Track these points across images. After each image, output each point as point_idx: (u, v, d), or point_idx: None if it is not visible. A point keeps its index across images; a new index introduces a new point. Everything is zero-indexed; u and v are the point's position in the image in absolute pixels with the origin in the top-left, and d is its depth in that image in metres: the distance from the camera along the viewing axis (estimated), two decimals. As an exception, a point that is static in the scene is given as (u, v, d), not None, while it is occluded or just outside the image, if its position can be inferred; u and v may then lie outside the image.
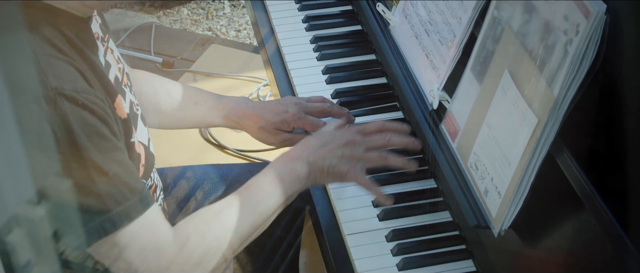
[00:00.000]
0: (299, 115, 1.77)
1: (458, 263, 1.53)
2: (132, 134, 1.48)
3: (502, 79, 1.41)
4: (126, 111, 1.47)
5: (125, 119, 1.46)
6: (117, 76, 1.55)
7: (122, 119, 1.44)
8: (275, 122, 1.77)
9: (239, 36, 3.69)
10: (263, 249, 1.85)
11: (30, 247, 1.17)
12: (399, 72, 1.79)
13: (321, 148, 1.58)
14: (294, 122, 1.77)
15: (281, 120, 1.77)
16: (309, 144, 1.59)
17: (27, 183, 1.23)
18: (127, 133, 1.46)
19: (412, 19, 1.79)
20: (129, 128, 1.47)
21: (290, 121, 1.77)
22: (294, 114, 1.77)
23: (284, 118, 1.77)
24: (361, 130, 1.62)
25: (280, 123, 1.77)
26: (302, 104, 1.79)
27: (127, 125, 1.46)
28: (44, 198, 1.25)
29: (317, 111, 1.78)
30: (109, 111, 1.38)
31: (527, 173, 1.33)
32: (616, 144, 1.27)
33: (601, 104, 1.29)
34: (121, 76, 1.58)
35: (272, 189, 1.53)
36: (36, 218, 1.21)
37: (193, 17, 3.80)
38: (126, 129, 1.45)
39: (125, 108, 1.48)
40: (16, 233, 1.16)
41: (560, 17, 1.28)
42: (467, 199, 1.49)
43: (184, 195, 1.92)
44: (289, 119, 1.77)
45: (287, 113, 1.77)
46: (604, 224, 1.19)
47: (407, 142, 1.64)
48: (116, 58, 1.59)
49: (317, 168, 1.56)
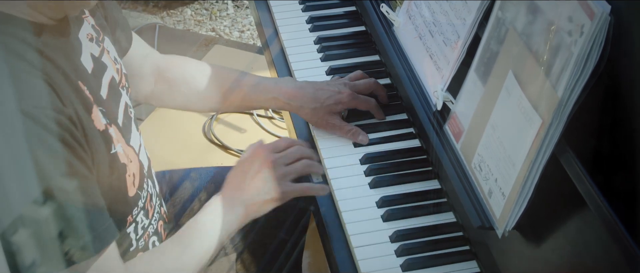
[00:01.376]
0: (353, 95, 1.76)
1: (462, 264, 1.52)
2: (112, 145, 1.45)
3: (506, 80, 1.41)
4: (103, 121, 1.44)
5: (103, 131, 1.43)
6: (114, 77, 1.54)
7: (100, 131, 1.41)
8: (330, 104, 1.75)
9: (242, 36, 3.69)
10: (266, 250, 1.85)
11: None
12: (403, 73, 1.79)
13: (246, 181, 1.59)
14: (349, 102, 1.76)
15: (335, 102, 1.75)
16: (235, 183, 1.60)
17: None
18: (107, 144, 1.43)
19: (416, 20, 1.79)
20: (109, 139, 1.44)
21: (346, 101, 1.76)
22: (349, 94, 1.76)
23: (339, 98, 1.75)
24: (274, 148, 1.64)
25: (335, 104, 1.76)
26: (350, 84, 1.78)
27: (106, 136, 1.43)
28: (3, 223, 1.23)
29: (366, 89, 1.79)
30: (76, 130, 1.33)
31: (531, 174, 1.33)
32: (620, 145, 1.27)
33: (605, 105, 1.28)
34: (119, 77, 1.57)
35: (212, 229, 1.55)
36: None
37: (196, 17, 3.80)
38: (105, 141, 1.43)
39: (103, 118, 1.44)
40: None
41: (565, 18, 1.28)
42: (471, 200, 1.49)
43: (188, 196, 1.91)
44: (344, 100, 1.76)
45: (341, 93, 1.76)
46: (608, 225, 1.19)
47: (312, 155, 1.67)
48: (113, 59, 1.57)
49: (252, 204, 1.58)
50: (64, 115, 1.31)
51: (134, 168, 1.53)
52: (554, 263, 1.34)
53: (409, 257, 1.52)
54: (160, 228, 1.67)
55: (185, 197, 1.92)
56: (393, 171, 1.69)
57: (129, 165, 1.51)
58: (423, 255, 1.53)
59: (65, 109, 1.32)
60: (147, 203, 1.58)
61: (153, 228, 1.62)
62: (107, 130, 1.45)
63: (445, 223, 1.60)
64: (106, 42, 1.57)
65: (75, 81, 1.39)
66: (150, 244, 1.61)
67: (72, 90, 1.37)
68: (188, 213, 1.89)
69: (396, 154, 1.73)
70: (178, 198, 1.92)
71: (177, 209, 1.90)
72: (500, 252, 1.44)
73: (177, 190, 1.93)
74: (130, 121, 1.57)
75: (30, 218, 1.28)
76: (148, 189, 1.60)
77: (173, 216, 1.88)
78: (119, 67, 1.58)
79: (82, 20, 1.50)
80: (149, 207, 1.59)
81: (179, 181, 1.94)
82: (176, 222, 1.88)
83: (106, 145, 1.43)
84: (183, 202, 1.91)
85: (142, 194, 1.55)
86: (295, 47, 2.01)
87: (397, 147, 1.75)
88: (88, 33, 1.49)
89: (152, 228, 1.61)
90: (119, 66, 1.59)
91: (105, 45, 1.56)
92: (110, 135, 1.45)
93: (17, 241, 1.26)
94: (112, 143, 1.45)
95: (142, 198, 1.55)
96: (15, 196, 1.27)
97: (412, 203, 1.63)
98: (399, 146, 1.76)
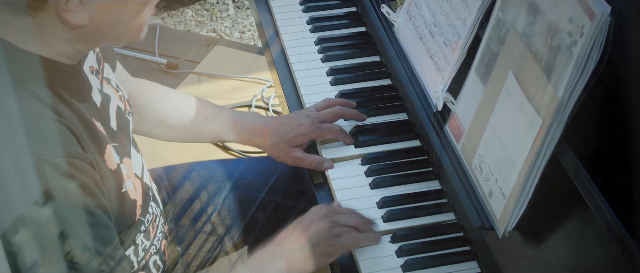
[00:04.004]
0: (314, 125, 1.73)
1: (462, 264, 1.53)
2: (123, 184, 1.44)
3: (507, 81, 1.41)
4: (116, 161, 1.43)
5: (115, 170, 1.42)
6: (119, 106, 1.52)
7: (112, 170, 1.41)
8: (290, 137, 1.73)
9: (243, 37, 3.69)
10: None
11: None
12: (404, 73, 1.79)
13: (296, 235, 1.50)
14: (310, 133, 1.73)
15: (297, 134, 1.73)
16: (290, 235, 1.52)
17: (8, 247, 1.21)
18: (118, 184, 1.42)
19: (416, 20, 1.79)
20: (120, 178, 1.43)
21: (307, 132, 1.73)
22: (309, 125, 1.73)
23: (300, 130, 1.73)
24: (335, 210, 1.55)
25: (296, 137, 1.73)
26: (314, 115, 1.75)
27: (118, 176, 1.42)
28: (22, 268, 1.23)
29: (330, 117, 1.75)
30: (97, 175, 1.33)
31: (532, 174, 1.33)
32: (620, 145, 1.27)
33: (605, 105, 1.29)
34: (124, 105, 1.55)
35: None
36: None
37: (197, 18, 3.80)
38: (117, 181, 1.42)
39: (116, 157, 1.43)
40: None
41: (565, 18, 1.28)
42: (471, 200, 1.49)
43: (190, 195, 1.91)
44: (304, 132, 1.73)
45: (302, 125, 1.73)
46: (609, 226, 1.19)
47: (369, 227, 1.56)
48: (115, 87, 1.55)
49: (297, 258, 1.48)
50: (86, 162, 1.31)
51: (138, 196, 1.51)
52: (554, 264, 1.34)
53: (409, 257, 1.53)
54: (163, 246, 1.66)
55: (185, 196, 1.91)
56: (394, 172, 1.69)
57: (137, 202, 1.50)
58: (423, 256, 1.53)
59: (87, 155, 1.32)
60: (149, 226, 1.57)
61: (155, 248, 1.60)
62: (119, 168, 1.44)
63: (445, 224, 1.60)
64: (106, 71, 1.55)
65: (90, 119, 1.38)
66: (151, 263, 1.59)
67: (88, 130, 1.36)
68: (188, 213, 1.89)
69: (397, 155, 1.74)
70: (179, 195, 1.90)
71: (178, 208, 1.89)
72: (501, 253, 1.44)
73: (178, 187, 1.91)
74: (131, 145, 1.56)
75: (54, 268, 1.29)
76: (152, 212, 1.58)
77: (175, 215, 1.87)
78: (121, 94, 1.56)
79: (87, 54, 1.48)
80: (150, 229, 1.58)
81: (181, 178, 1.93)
82: (177, 221, 1.87)
83: (117, 185, 1.42)
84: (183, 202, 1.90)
85: (145, 219, 1.54)
86: (296, 48, 2.01)
87: (397, 148, 1.75)
88: (90, 65, 1.47)
89: (154, 249, 1.59)
90: (121, 93, 1.57)
91: (105, 74, 1.54)
92: (122, 173, 1.44)
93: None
94: (123, 182, 1.44)
95: (145, 222, 1.54)
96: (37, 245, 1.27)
97: (412, 204, 1.63)
98: (400, 146, 1.76)
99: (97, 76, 1.49)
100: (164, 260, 1.65)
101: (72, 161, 1.28)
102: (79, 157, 1.30)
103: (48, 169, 1.25)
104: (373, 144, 1.76)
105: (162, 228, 1.65)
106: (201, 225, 1.88)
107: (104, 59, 1.56)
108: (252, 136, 1.78)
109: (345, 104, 1.79)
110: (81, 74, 1.42)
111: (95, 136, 1.38)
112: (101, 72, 1.52)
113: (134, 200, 1.48)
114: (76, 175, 1.28)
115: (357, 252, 1.54)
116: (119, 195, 1.42)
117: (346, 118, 1.78)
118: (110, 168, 1.40)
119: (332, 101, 1.80)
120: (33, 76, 1.31)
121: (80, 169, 1.29)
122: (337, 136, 1.75)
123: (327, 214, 1.52)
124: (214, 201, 1.89)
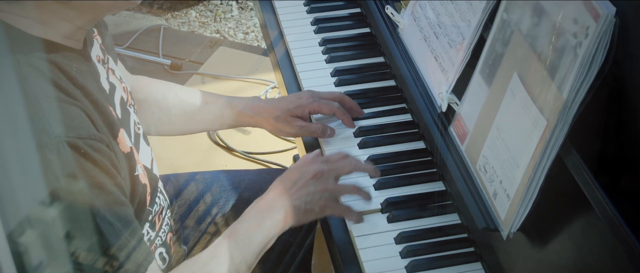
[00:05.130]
0: (312, 98, 1.79)
1: (467, 265, 1.53)
2: (136, 167, 1.46)
3: (511, 82, 1.41)
4: (129, 144, 1.45)
5: (129, 153, 1.44)
6: (122, 97, 1.54)
7: (125, 153, 1.43)
8: (290, 109, 1.78)
9: (246, 38, 3.69)
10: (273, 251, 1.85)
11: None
12: (408, 74, 1.79)
13: (292, 187, 1.55)
14: (309, 105, 1.78)
15: (296, 105, 1.78)
16: (281, 188, 1.56)
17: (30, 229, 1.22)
18: (131, 166, 1.44)
19: (420, 21, 1.79)
20: (133, 162, 1.45)
21: (306, 104, 1.78)
22: (308, 97, 1.79)
23: (299, 102, 1.79)
24: (326, 159, 1.60)
25: (296, 108, 1.78)
26: (315, 92, 1.81)
27: (131, 159, 1.45)
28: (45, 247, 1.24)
29: (330, 97, 1.80)
30: (113, 155, 1.36)
31: (536, 175, 1.33)
32: (625, 146, 1.27)
33: (610, 106, 1.29)
34: (126, 96, 1.57)
35: (252, 235, 1.52)
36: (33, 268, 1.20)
37: (201, 19, 3.81)
38: (130, 164, 1.44)
39: (128, 140, 1.46)
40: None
41: (570, 19, 1.28)
42: (475, 201, 1.49)
43: (194, 202, 1.91)
44: (304, 103, 1.78)
45: (301, 98, 1.79)
46: (613, 227, 1.19)
47: (371, 169, 1.63)
48: (119, 78, 1.57)
49: (292, 211, 1.54)
50: (103, 143, 1.33)
51: (149, 187, 1.53)
52: (558, 265, 1.34)
53: (413, 258, 1.52)
54: (170, 240, 1.67)
55: (190, 200, 1.92)
56: (398, 173, 1.69)
57: (147, 185, 1.51)
58: (428, 257, 1.53)
59: (102, 136, 1.34)
60: (155, 217, 1.58)
61: (161, 240, 1.61)
62: (132, 152, 1.46)
63: (450, 225, 1.60)
64: (110, 62, 1.57)
65: (103, 103, 1.40)
66: (157, 255, 1.60)
67: (101, 115, 1.38)
68: (192, 215, 1.89)
69: (401, 155, 1.74)
70: (183, 201, 1.92)
71: (183, 211, 1.90)
72: (505, 254, 1.44)
73: (182, 194, 1.93)
74: (139, 138, 1.57)
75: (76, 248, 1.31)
76: (160, 203, 1.60)
77: (178, 218, 1.88)
78: (125, 86, 1.58)
79: (93, 40, 1.50)
80: (156, 220, 1.59)
81: (184, 185, 1.94)
82: (181, 225, 1.88)
83: (130, 167, 1.44)
84: (188, 205, 1.91)
85: (152, 209, 1.55)
86: (300, 49, 2.01)
87: (402, 149, 1.75)
88: (97, 55, 1.50)
89: (159, 240, 1.60)
90: (125, 84, 1.59)
91: (110, 65, 1.56)
92: (134, 157, 1.46)
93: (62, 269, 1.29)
94: (136, 165, 1.46)
95: (152, 213, 1.55)
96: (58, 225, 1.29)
97: (416, 205, 1.63)
98: (404, 147, 1.76)
99: (104, 66, 1.51)
100: (169, 254, 1.66)
101: (89, 142, 1.30)
102: (95, 138, 1.32)
103: (67, 151, 1.27)
104: (377, 145, 1.76)
105: (169, 222, 1.67)
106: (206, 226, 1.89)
107: (108, 51, 1.59)
108: (254, 114, 1.82)
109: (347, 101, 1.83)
110: (91, 61, 1.44)
111: (108, 120, 1.40)
112: (107, 62, 1.54)
113: (145, 185, 1.50)
114: (94, 156, 1.30)
115: (361, 252, 1.54)
116: (132, 177, 1.45)
117: (345, 105, 1.81)
118: (123, 151, 1.42)
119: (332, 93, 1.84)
120: (45, 61, 1.33)
121: (97, 150, 1.31)
122: (335, 113, 1.79)
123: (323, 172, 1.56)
124: (218, 204, 1.90)
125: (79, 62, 1.39)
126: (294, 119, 1.79)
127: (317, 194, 1.54)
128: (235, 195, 1.93)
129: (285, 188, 1.56)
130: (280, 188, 1.57)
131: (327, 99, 1.80)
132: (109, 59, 1.57)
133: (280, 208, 1.53)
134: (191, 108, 1.85)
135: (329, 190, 1.55)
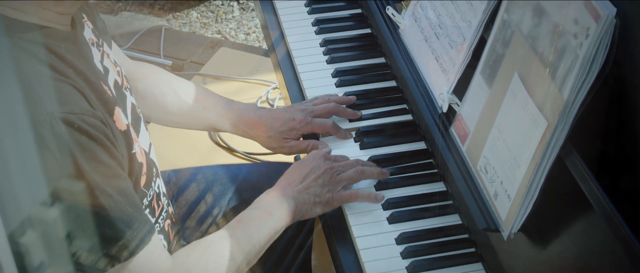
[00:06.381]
0: (306, 120, 1.79)
1: (467, 266, 1.53)
2: (133, 145, 1.48)
3: (512, 83, 1.41)
4: (125, 122, 1.46)
5: (125, 131, 1.45)
6: (116, 80, 1.55)
7: (122, 131, 1.44)
8: (283, 131, 1.80)
9: (248, 39, 3.69)
10: (274, 250, 1.86)
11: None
12: (409, 75, 1.79)
13: (303, 181, 1.62)
14: (302, 128, 1.79)
15: (289, 128, 1.80)
16: (292, 179, 1.63)
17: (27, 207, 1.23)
18: (128, 144, 1.46)
19: (421, 22, 1.79)
20: (130, 139, 1.47)
21: (298, 128, 1.79)
22: (301, 120, 1.79)
23: (292, 125, 1.79)
24: (334, 158, 1.67)
25: (288, 131, 1.80)
26: (309, 109, 1.81)
27: (127, 136, 1.46)
28: (41, 224, 1.25)
29: (324, 112, 1.80)
30: (108, 130, 1.37)
31: (537, 176, 1.33)
32: (626, 147, 1.27)
33: (611, 107, 1.29)
34: (121, 80, 1.58)
35: (262, 223, 1.57)
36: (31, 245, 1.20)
37: (202, 20, 3.81)
38: (127, 141, 1.45)
39: (125, 118, 1.47)
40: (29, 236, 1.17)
41: (570, 20, 1.28)
42: (476, 202, 1.49)
43: (195, 198, 1.92)
44: (296, 126, 1.79)
45: (294, 120, 1.79)
46: (614, 227, 1.19)
47: (377, 172, 1.67)
48: (113, 62, 1.58)
49: (303, 202, 1.60)
50: (97, 118, 1.34)
51: (145, 168, 1.54)
52: (559, 265, 1.34)
53: (414, 259, 1.53)
54: (168, 227, 1.68)
55: (190, 198, 1.93)
56: (399, 173, 1.69)
57: (143, 165, 1.53)
58: (429, 257, 1.53)
59: (96, 112, 1.35)
60: (153, 202, 1.59)
61: (159, 227, 1.62)
62: (129, 130, 1.47)
63: (450, 225, 1.60)
64: (105, 47, 1.58)
65: (97, 82, 1.41)
66: None
67: (95, 92, 1.39)
68: (194, 215, 1.90)
69: (402, 156, 1.74)
70: (184, 198, 1.92)
71: (183, 210, 1.90)
72: (506, 254, 1.44)
73: (183, 190, 1.93)
74: (139, 121, 1.58)
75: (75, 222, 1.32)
76: (155, 188, 1.61)
77: (179, 216, 1.89)
78: (119, 69, 1.59)
79: (84, 24, 1.51)
80: (155, 206, 1.60)
81: (186, 182, 1.95)
82: (182, 223, 1.89)
83: (127, 145, 1.45)
84: (189, 203, 1.92)
85: (148, 192, 1.56)
86: (301, 50, 2.01)
87: (402, 149, 1.75)
88: (90, 38, 1.51)
89: (158, 226, 1.62)
90: (119, 68, 1.60)
91: (105, 49, 1.57)
92: (131, 135, 1.47)
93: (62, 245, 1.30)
94: (133, 143, 1.48)
95: (148, 196, 1.56)
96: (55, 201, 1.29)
97: (417, 205, 1.63)
98: (405, 148, 1.76)
99: (99, 49, 1.53)
100: (168, 241, 1.67)
101: (82, 117, 1.31)
102: (88, 114, 1.33)
103: (60, 126, 1.27)
104: (378, 146, 1.76)
105: (167, 209, 1.68)
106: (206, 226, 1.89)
107: (101, 35, 1.60)
108: (247, 129, 1.84)
109: (344, 102, 1.83)
110: (81, 40, 1.45)
111: (103, 98, 1.41)
112: (101, 45, 1.56)
113: (141, 164, 1.51)
114: (89, 130, 1.31)
115: (362, 253, 1.54)
116: (129, 154, 1.46)
117: (340, 116, 1.82)
118: (119, 129, 1.43)
119: (331, 96, 1.84)
120: (35, 42, 1.34)
121: (91, 125, 1.32)
122: (330, 131, 1.79)
123: (329, 168, 1.63)
124: (219, 203, 1.91)
125: (67, 43, 1.39)
126: (285, 141, 1.81)
127: (327, 187, 1.61)
128: (234, 187, 1.94)
129: (296, 180, 1.62)
130: (291, 181, 1.62)
131: (320, 114, 1.80)
132: (103, 43, 1.58)
133: (291, 200, 1.59)
134: (188, 109, 1.87)
135: (341, 182, 1.62)
